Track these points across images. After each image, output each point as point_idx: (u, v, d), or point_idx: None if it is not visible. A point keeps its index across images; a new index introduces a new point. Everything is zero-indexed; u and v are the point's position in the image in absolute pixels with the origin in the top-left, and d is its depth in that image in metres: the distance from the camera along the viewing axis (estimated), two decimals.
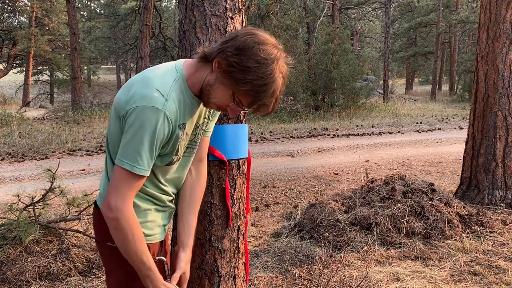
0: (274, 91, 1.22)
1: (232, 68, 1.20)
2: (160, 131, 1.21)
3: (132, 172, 1.22)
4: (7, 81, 26.65)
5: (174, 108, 1.24)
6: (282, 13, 15.76)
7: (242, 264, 2.04)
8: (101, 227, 1.37)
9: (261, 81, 1.19)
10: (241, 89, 1.22)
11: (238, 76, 1.20)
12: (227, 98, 1.27)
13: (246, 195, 2.03)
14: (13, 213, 3.28)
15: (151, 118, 1.19)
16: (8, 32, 19.02)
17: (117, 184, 1.23)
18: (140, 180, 1.26)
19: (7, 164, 7.16)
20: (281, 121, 13.45)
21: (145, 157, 1.22)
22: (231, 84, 1.22)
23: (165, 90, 1.23)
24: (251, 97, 1.23)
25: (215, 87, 1.26)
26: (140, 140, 1.20)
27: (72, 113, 14.03)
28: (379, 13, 32.54)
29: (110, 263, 1.41)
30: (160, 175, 1.38)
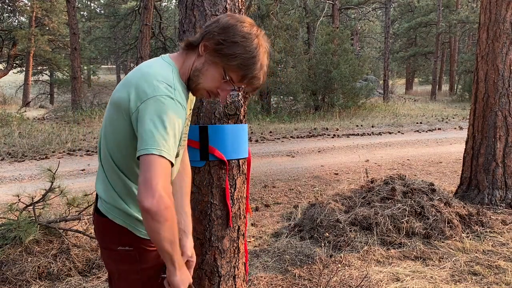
0: (261, 64, 1.29)
1: (220, 45, 1.25)
2: (177, 118, 1.21)
3: (162, 156, 1.15)
4: (7, 81, 26.65)
5: (182, 96, 1.27)
6: (282, 13, 15.75)
7: (242, 264, 2.04)
8: (105, 234, 1.38)
9: (249, 54, 1.26)
10: (231, 64, 1.26)
11: (228, 51, 1.25)
12: (217, 78, 1.30)
13: (246, 195, 2.03)
14: (13, 213, 3.28)
15: (168, 106, 1.19)
16: (8, 32, 19.01)
17: (151, 174, 1.13)
18: (169, 167, 1.18)
19: (7, 164, 7.16)
20: (281, 121, 13.45)
21: (170, 144, 1.18)
22: (221, 61, 1.27)
23: (169, 81, 1.25)
24: (241, 71, 1.27)
25: (205, 70, 1.30)
26: (163, 127, 1.17)
27: (72, 113, 14.03)
28: (379, 13, 32.56)
29: (122, 266, 1.40)
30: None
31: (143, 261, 1.37)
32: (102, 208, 1.37)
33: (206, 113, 1.88)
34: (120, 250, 1.35)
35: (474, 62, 5.25)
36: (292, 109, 15.90)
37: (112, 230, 1.35)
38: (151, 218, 1.13)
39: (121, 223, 1.35)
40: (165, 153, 1.16)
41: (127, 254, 1.36)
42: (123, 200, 1.34)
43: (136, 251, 1.36)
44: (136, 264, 1.37)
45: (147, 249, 1.37)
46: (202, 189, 1.90)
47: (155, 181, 1.12)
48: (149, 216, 1.13)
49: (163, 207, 1.13)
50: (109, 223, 1.35)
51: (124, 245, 1.34)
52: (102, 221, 1.37)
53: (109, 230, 1.36)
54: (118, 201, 1.34)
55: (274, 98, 16.76)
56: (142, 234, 1.36)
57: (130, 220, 1.35)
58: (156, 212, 1.12)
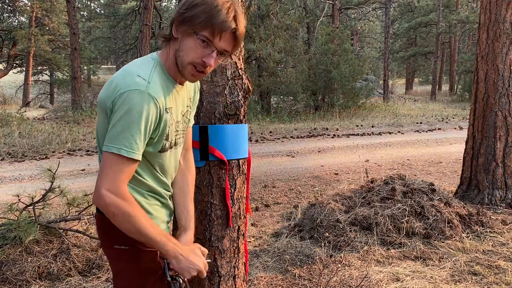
0: (229, 7, 1.26)
1: (183, 15, 1.27)
2: (147, 112, 1.22)
3: (120, 154, 1.20)
4: (7, 81, 26.64)
5: (158, 90, 1.26)
6: (282, 13, 15.74)
7: (242, 264, 2.04)
8: (105, 231, 1.39)
9: (211, 5, 1.25)
10: (198, 22, 1.25)
11: (190, 14, 1.26)
12: (194, 46, 1.28)
13: (246, 195, 2.03)
14: (13, 213, 3.28)
15: (136, 101, 1.20)
16: (8, 32, 19.00)
17: (106, 171, 1.20)
18: (130, 164, 1.23)
19: (7, 164, 7.16)
20: (281, 121, 13.45)
21: (133, 139, 1.21)
22: (189, 26, 1.27)
23: (146, 75, 1.26)
24: (209, 22, 1.25)
25: (182, 45, 1.30)
26: (126, 124, 1.20)
27: (72, 113, 14.03)
28: (379, 13, 32.56)
29: (119, 265, 1.42)
30: (157, 166, 1.39)
31: (139, 260, 1.37)
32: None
33: (206, 113, 1.88)
34: (117, 248, 1.37)
35: (474, 62, 5.25)
36: (292, 109, 15.90)
37: (109, 227, 1.35)
38: (105, 213, 1.24)
39: None
40: (124, 151, 1.20)
41: (123, 253, 1.37)
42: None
43: (131, 250, 1.37)
44: (132, 264, 1.38)
45: (142, 249, 1.37)
46: (202, 189, 1.90)
47: (101, 181, 1.20)
48: (104, 212, 1.24)
49: (103, 204, 1.20)
50: (106, 220, 1.35)
51: (120, 244, 1.35)
52: (101, 218, 1.39)
53: (107, 227, 1.36)
54: None
55: (274, 98, 16.77)
56: None
57: None
58: (101, 209, 1.22)
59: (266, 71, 14.67)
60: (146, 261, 1.39)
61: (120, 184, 1.22)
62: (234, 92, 1.90)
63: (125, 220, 1.23)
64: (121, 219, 1.23)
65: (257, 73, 15.19)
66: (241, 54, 1.96)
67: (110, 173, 1.20)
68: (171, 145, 1.40)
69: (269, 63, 14.43)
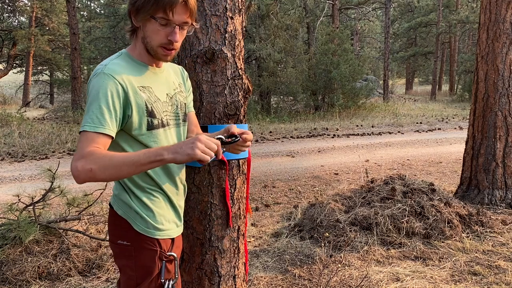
0: None
1: (135, 4, 1.35)
2: (104, 89, 1.28)
3: (85, 131, 1.24)
4: (7, 81, 26.65)
5: (117, 68, 1.34)
6: (282, 13, 15.75)
7: (242, 264, 2.04)
8: (112, 227, 1.45)
9: None
10: (149, 6, 1.32)
11: (141, 1, 1.33)
12: (156, 28, 1.35)
13: (246, 195, 2.03)
14: (13, 213, 3.28)
15: (95, 83, 1.30)
16: (8, 32, 18.98)
17: (78, 147, 1.25)
18: (97, 137, 1.24)
19: (7, 164, 7.16)
20: (281, 121, 13.45)
21: (94, 115, 1.25)
22: (145, 12, 1.33)
23: (106, 61, 1.36)
24: (159, 3, 1.31)
25: (145, 31, 1.37)
26: (90, 105, 1.27)
27: (72, 113, 14.03)
28: (379, 13, 32.55)
29: (120, 260, 1.45)
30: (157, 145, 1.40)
31: (137, 257, 1.41)
32: (111, 199, 1.47)
33: (206, 113, 1.88)
34: (120, 244, 1.41)
35: (474, 62, 5.25)
36: (292, 109, 15.90)
37: (115, 222, 1.43)
38: (86, 179, 1.22)
39: (122, 215, 1.41)
40: (88, 127, 1.24)
41: (125, 249, 1.41)
42: (127, 192, 1.41)
43: (132, 246, 1.40)
44: (131, 260, 1.41)
45: (143, 246, 1.41)
46: (202, 189, 1.90)
47: (73, 159, 1.23)
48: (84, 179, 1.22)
49: (77, 173, 1.20)
50: (114, 214, 1.43)
51: (123, 239, 1.40)
52: (110, 213, 1.46)
53: (113, 221, 1.44)
54: (122, 193, 1.41)
55: (274, 98, 16.76)
56: (139, 228, 1.40)
57: (130, 212, 1.40)
58: (81, 178, 1.21)
59: (266, 71, 14.67)
60: (145, 259, 1.41)
61: (83, 149, 1.23)
62: (234, 92, 1.90)
63: (101, 168, 1.20)
64: (98, 170, 1.20)
65: (257, 73, 15.19)
66: (241, 54, 1.96)
67: (79, 147, 1.24)
68: (160, 123, 1.42)
69: (269, 63, 14.43)
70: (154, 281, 1.41)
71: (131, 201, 1.40)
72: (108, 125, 1.26)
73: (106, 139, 1.26)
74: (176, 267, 1.47)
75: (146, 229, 1.40)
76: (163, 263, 1.43)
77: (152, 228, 1.41)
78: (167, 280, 1.43)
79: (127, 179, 1.39)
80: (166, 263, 1.43)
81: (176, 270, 1.47)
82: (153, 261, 1.41)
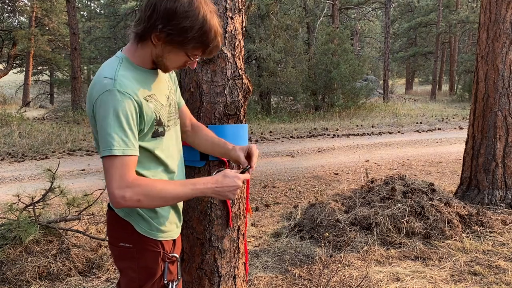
0: (215, 31, 1.31)
1: (170, 36, 1.27)
2: (122, 108, 1.24)
3: (114, 155, 1.22)
4: (7, 81, 26.64)
5: (127, 83, 1.28)
6: (282, 13, 15.75)
7: (242, 264, 2.04)
8: (112, 229, 1.43)
9: (201, 31, 1.27)
10: (188, 47, 1.30)
11: (180, 39, 1.27)
12: (181, 59, 1.35)
13: (246, 195, 2.03)
14: (13, 213, 3.28)
15: (110, 102, 1.23)
16: (8, 32, 18.96)
17: (110, 174, 1.23)
18: (127, 160, 1.24)
19: (7, 164, 7.16)
20: (281, 121, 13.44)
21: (119, 137, 1.22)
22: (178, 47, 1.30)
23: (111, 73, 1.28)
24: (200, 48, 1.31)
25: (166, 56, 1.33)
26: (108, 126, 1.22)
27: (72, 113, 14.04)
28: (379, 13, 32.54)
29: (122, 263, 1.44)
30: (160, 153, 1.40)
31: (141, 259, 1.39)
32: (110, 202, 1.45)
33: (206, 113, 1.88)
34: (121, 246, 1.40)
35: (474, 62, 5.25)
36: (292, 109, 15.90)
37: (116, 225, 1.40)
38: (130, 207, 1.30)
39: (124, 217, 1.39)
40: (115, 151, 1.22)
41: (127, 251, 1.40)
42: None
43: (135, 248, 1.39)
44: (134, 262, 1.40)
45: (146, 248, 1.39)
46: None
47: (110, 185, 1.23)
48: (128, 207, 1.29)
49: (124, 202, 1.23)
50: (114, 216, 1.41)
51: (125, 242, 1.39)
52: (110, 214, 1.43)
53: (114, 224, 1.42)
54: None
55: (274, 98, 16.76)
56: (142, 230, 1.39)
57: (133, 214, 1.39)
58: (125, 206, 1.24)
59: (266, 71, 14.67)
60: (148, 261, 1.40)
61: (126, 177, 1.23)
62: (234, 92, 1.90)
63: (150, 199, 1.26)
64: (146, 201, 1.26)
65: (257, 73, 15.19)
66: (241, 54, 1.96)
67: (113, 173, 1.22)
68: (165, 129, 1.42)
69: (269, 63, 14.43)
70: (157, 283, 1.41)
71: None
72: (134, 145, 1.26)
73: (135, 159, 1.27)
74: (178, 268, 1.47)
75: (149, 231, 1.39)
76: (166, 265, 1.43)
77: (155, 230, 1.40)
78: (170, 281, 1.43)
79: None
80: (168, 264, 1.43)
81: (178, 271, 1.47)
82: (156, 262, 1.41)
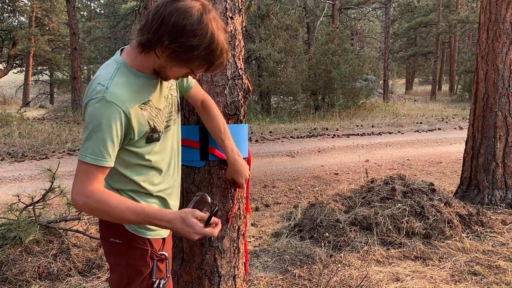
0: (221, 49, 1.29)
1: (177, 53, 1.25)
2: (107, 119, 1.23)
3: (86, 162, 1.24)
4: (7, 81, 26.64)
5: (118, 91, 1.26)
6: (282, 13, 15.75)
7: (242, 264, 2.04)
8: (105, 225, 1.44)
9: (207, 50, 1.26)
10: (193, 64, 1.29)
11: (186, 56, 1.26)
12: (184, 72, 1.35)
13: (246, 195, 2.03)
14: (13, 213, 3.28)
15: (96, 111, 1.24)
16: (8, 32, 18.97)
17: (76, 176, 1.26)
18: (97, 170, 1.25)
19: (7, 164, 7.16)
20: (281, 121, 13.44)
21: (97, 147, 1.24)
22: (183, 64, 1.30)
23: (106, 80, 1.27)
24: (205, 65, 1.31)
25: (169, 68, 1.32)
26: (91, 133, 1.24)
27: (72, 113, 14.04)
28: (379, 13, 32.54)
29: (112, 258, 1.46)
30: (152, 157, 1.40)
31: (129, 256, 1.41)
32: None
33: None
34: (112, 242, 1.42)
35: (474, 62, 5.25)
36: (292, 109, 15.90)
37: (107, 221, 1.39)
38: (87, 213, 1.35)
39: None
40: (89, 158, 1.24)
41: (116, 247, 1.41)
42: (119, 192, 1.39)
43: (124, 245, 1.41)
44: (122, 258, 1.41)
45: (134, 245, 1.41)
46: (202, 189, 1.90)
47: (73, 187, 1.27)
48: (80, 209, 1.33)
49: (78, 207, 1.27)
50: None
51: (115, 238, 1.41)
52: None
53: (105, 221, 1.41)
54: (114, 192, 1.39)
55: (274, 98, 16.76)
56: (130, 227, 1.40)
57: None
58: (79, 209, 1.30)
59: (266, 71, 14.67)
60: (136, 258, 1.41)
61: (86, 186, 1.24)
62: (234, 92, 1.90)
63: (101, 214, 1.29)
64: (98, 214, 1.30)
65: (257, 73, 15.19)
66: (241, 54, 1.96)
67: (79, 178, 1.25)
68: (160, 135, 1.41)
69: (269, 63, 14.43)
70: (146, 280, 1.41)
71: None
72: (110, 157, 1.26)
73: (106, 170, 1.28)
74: (167, 266, 1.47)
75: (137, 229, 1.40)
76: (155, 263, 1.43)
77: (143, 228, 1.40)
78: (159, 279, 1.43)
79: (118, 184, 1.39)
80: (157, 262, 1.44)
81: (167, 269, 1.47)
82: (145, 260, 1.41)
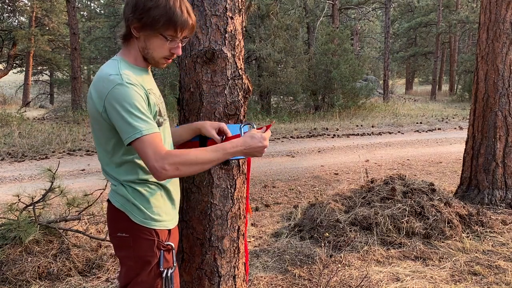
0: (181, 6, 1.40)
1: (141, 20, 1.38)
2: (135, 95, 1.34)
3: (142, 136, 1.32)
4: (7, 81, 26.64)
5: (132, 76, 1.39)
6: (282, 13, 15.73)
7: (242, 264, 2.04)
8: (112, 220, 1.50)
9: (166, 7, 1.37)
10: (159, 26, 1.39)
11: (149, 20, 1.37)
12: (161, 44, 1.43)
13: (246, 195, 2.03)
14: (13, 213, 3.28)
15: (122, 93, 1.33)
16: (8, 32, 18.96)
17: (144, 153, 1.33)
18: (154, 137, 1.34)
19: (7, 164, 7.16)
20: (281, 121, 13.44)
21: (141, 119, 1.33)
22: (152, 30, 1.40)
23: (116, 71, 1.38)
24: (172, 25, 1.39)
25: (148, 45, 1.43)
26: (129, 113, 1.32)
27: (72, 113, 14.04)
28: (379, 13, 32.52)
29: (120, 252, 1.50)
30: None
31: (136, 248, 1.45)
32: (109, 194, 1.51)
33: (206, 113, 1.88)
34: (119, 236, 1.46)
35: (474, 62, 5.25)
36: (292, 109, 15.89)
37: (114, 216, 1.47)
38: (173, 176, 1.38)
39: (119, 207, 1.45)
40: (145, 131, 1.33)
41: (123, 240, 1.46)
42: (123, 185, 1.45)
43: (130, 237, 1.45)
44: (130, 251, 1.45)
45: (141, 236, 1.45)
46: (202, 189, 1.90)
47: (149, 163, 1.34)
48: (171, 176, 1.37)
49: (165, 174, 1.34)
50: (112, 208, 1.48)
51: (122, 232, 1.45)
52: (108, 207, 1.51)
53: (112, 215, 1.49)
54: (119, 186, 1.46)
55: (274, 98, 16.75)
56: (136, 219, 1.44)
57: (127, 204, 1.45)
58: (168, 176, 1.35)
59: (266, 71, 14.66)
60: (143, 249, 1.45)
61: (159, 151, 1.33)
62: (234, 92, 1.90)
63: (187, 167, 1.37)
64: (184, 169, 1.36)
65: (257, 73, 15.18)
66: (241, 54, 1.96)
67: (148, 151, 1.32)
68: (164, 120, 1.54)
69: (269, 63, 14.42)
70: (154, 270, 1.46)
71: (128, 194, 1.44)
72: (152, 123, 1.37)
73: (160, 135, 1.39)
74: (174, 256, 1.52)
75: (143, 219, 1.45)
76: (161, 253, 1.48)
77: (149, 218, 1.45)
78: (166, 268, 1.48)
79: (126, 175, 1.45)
80: (164, 253, 1.48)
81: (174, 259, 1.52)
82: (152, 250, 1.46)
